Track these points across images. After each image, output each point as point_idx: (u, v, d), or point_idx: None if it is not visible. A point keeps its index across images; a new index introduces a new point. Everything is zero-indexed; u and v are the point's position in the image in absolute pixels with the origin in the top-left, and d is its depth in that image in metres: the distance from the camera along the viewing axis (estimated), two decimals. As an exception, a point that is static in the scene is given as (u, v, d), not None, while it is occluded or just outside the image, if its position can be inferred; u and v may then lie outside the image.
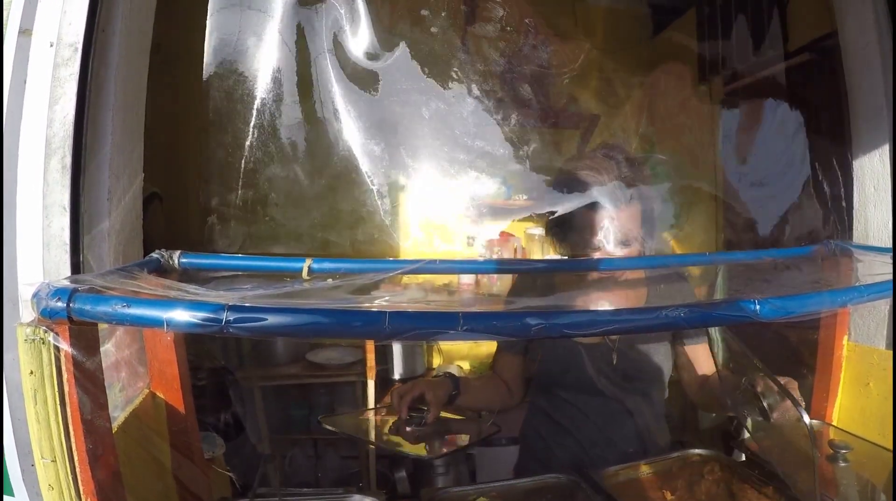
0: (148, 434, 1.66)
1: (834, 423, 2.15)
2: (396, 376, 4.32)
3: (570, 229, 2.41)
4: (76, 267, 1.59)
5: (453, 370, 4.41)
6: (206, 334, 0.93)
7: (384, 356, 4.25)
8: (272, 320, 0.90)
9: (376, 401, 3.96)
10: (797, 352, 2.76)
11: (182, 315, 0.92)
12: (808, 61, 3.60)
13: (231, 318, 0.90)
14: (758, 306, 1.08)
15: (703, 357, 2.42)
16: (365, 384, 3.97)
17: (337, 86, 2.87)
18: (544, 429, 2.51)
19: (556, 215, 2.45)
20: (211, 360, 3.83)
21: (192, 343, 1.91)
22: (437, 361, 4.59)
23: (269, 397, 4.09)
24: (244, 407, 3.96)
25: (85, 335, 1.04)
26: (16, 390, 1.54)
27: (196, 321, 0.91)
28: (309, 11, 2.82)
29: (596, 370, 2.36)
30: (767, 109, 4.06)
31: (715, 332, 2.52)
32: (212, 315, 0.90)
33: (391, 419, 2.38)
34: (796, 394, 1.79)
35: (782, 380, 1.81)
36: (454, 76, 3.71)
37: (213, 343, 3.73)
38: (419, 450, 2.25)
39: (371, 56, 3.02)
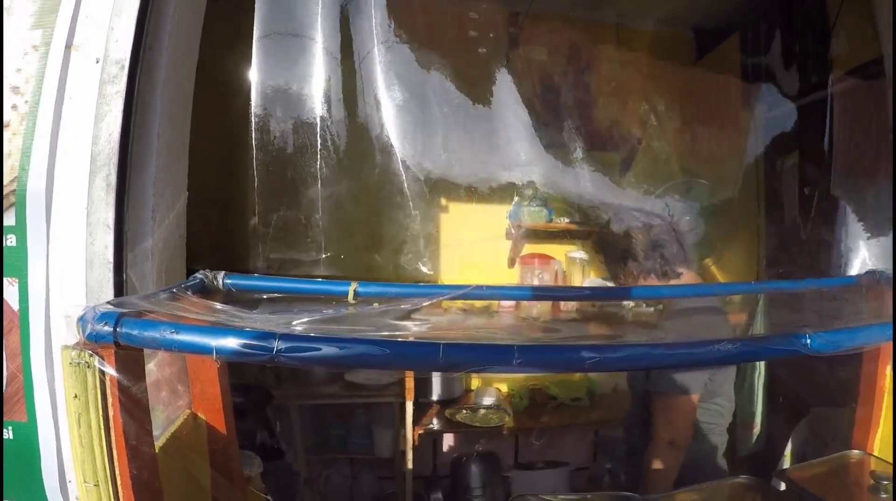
0: (188, 455, 1.65)
1: (875, 454, 2.10)
2: (434, 397, 4.30)
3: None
4: (119, 286, 1.59)
5: (492, 393, 4.38)
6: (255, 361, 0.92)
7: (423, 378, 4.21)
8: (324, 350, 0.89)
9: (414, 423, 3.93)
10: (841, 381, 2.71)
11: (231, 343, 0.91)
12: (853, 86, 3.54)
13: (282, 347, 0.88)
14: (809, 340, 1.06)
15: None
16: (403, 405, 3.95)
17: (382, 109, 2.87)
18: None
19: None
20: (248, 378, 3.82)
21: (234, 362, 1.90)
22: (475, 383, 4.56)
23: (306, 416, 4.07)
24: (281, 426, 3.95)
25: (131, 360, 1.03)
26: (56, 408, 1.54)
27: (246, 349, 0.90)
28: (354, 37, 2.84)
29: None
30: (812, 135, 4.01)
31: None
32: (262, 344, 0.89)
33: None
34: None
35: None
36: (499, 99, 3.70)
37: (251, 362, 3.72)
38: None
39: (416, 79, 3.02)
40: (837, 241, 3.54)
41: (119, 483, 1.04)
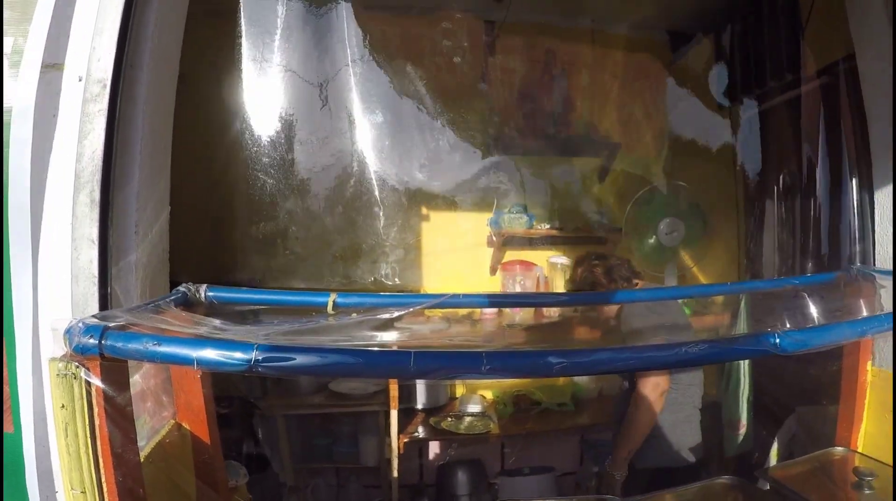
0: (173, 465, 1.67)
1: (859, 450, 2.13)
2: (419, 406, 4.30)
3: None
4: (104, 299, 1.61)
5: (476, 400, 4.38)
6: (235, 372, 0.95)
7: (407, 386, 4.21)
8: (300, 360, 0.92)
9: (399, 431, 3.94)
10: (821, 378, 2.74)
11: (212, 354, 0.94)
12: (826, 85, 3.58)
13: (260, 357, 0.91)
14: (778, 340, 1.09)
15: None
16: (388, 414, 3.95)
17: (357, 121, 2.90)
18: None
19: None
20: (234, 389, 3.83)
21: (218, 373, 1.93)
22: (459, 390, 4.56)
23: (291, 426, 4.06)
24: (267, 436, 3.96)
25: (116, 371, 1.06)
26: (41, 420, 1.56)
27: (225, 360, 0.93)
28: (327, 53, 2.86)
29: None
30: (786, 134, 4.05)
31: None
32: (241, 355, 0.92)
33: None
34: None
35: None
36: (476, 106, 3.72)
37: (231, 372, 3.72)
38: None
39: (392, 89, 3.05)
40: (817, 238, 3.58)
41: (105, 490, 1.07)
